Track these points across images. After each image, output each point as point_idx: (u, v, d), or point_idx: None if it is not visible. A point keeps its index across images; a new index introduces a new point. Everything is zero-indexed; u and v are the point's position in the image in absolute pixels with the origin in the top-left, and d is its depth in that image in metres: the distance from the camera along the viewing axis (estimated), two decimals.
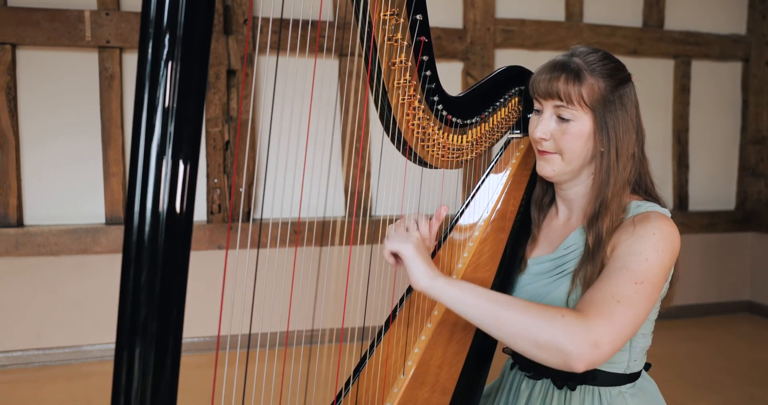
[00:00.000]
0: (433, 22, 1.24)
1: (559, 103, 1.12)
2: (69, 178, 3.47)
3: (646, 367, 1.22)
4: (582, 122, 1.11)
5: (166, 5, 0.62)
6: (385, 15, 1.07)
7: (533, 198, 1.31)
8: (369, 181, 3.81)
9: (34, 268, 3.38)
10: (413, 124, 1.18)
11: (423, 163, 1.28)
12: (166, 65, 0.62)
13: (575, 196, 1.20)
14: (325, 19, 3.39)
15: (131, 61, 3.48)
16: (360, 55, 1.10)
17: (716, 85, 4.49)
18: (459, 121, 1.26)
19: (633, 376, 1.16)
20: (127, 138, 3.51)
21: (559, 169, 1.15)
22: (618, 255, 1.04)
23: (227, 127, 3.57)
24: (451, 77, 3.91)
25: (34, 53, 3.38)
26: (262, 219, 3.38)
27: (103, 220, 3.52)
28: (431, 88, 1.18)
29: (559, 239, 1.21)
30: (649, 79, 4.28)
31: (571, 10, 4.14)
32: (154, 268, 0.64)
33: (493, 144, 1.41)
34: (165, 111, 0.63)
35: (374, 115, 3.60)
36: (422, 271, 0.99)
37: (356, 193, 3.66)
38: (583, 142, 1.12)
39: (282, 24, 0.95)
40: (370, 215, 3.77)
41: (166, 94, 0.63)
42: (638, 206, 1.11)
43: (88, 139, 3.47)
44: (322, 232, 3.51)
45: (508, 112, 1.40)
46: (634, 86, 1.16)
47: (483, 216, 1.35)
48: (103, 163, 3.48)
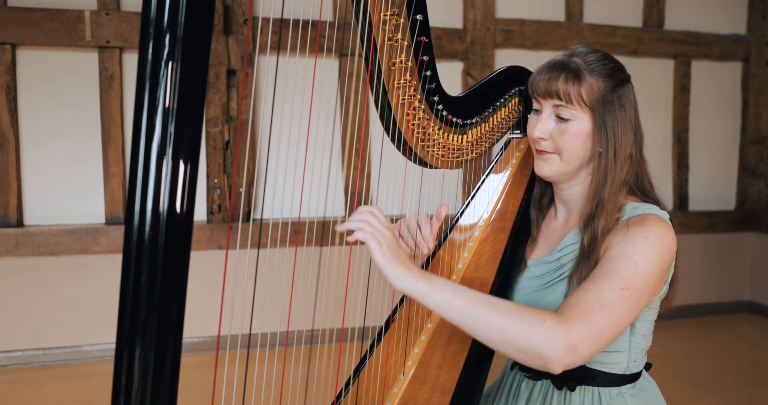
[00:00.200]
0: (433, 22, 1.24)
1: (558, 102, 1.12)
2: (69, 178, 3.47)
3: (647, 367, 1.22)
4: (581, 122, 1.11)
5: (167, 5, 0.62)
6: (385, 15, 1.07)
7: (532, 199, 1.31)
8: (369, 181, 3.81)
9: (34, 268, 3.37)
10: (413, 124, 1.18)
11: (423, 163, 1.28)
12: (166, 65, 0.63)
13: (574, 196, 1.19)
14: (325, 20, 3.38)
15: (131, 61, 3.48)
16: (360, 56, 1.10)
17: (716, 85, 4.49)
18: (459, 121, 1.26)
19: (633, 377, 1.16)
20: (127, 138, 3.51)
21: (558, 169, 1.15)
22: (608, 257, 1.03)
23: (227, 127, 3.57)
24: (451, 77, 3.91)
25: (34, 53, 3.38)
26: (262, 219, 3.38)
27: (103, 220, 3.52)
28: (431, 88, 1.17)
29: (558, 240, 1.21)
30: (649, 79, 4.27)
31: (571, 10, 4.14)
32: (154, 268, 0.64)
33: (493, 144, 1.41)
34: (165, 111, 0.63)
35: (374, 115, 3.60)
36: (399, 274, 0.92)
37: (356, 193, 3.66)
38: (582, 142, 1.12)
39: (282, 24, 0.95)
40: None
41: (166, 95, 0.63)
42: (635, 208, 1.11)
43: (88, 139, 3.47)
44: (323, 233, 3.51)
45: (509, 112, 1.40)
46: (633, 87, 1.16)
47: (483, 216, 1.35)
48: (103, 163, 3.48)
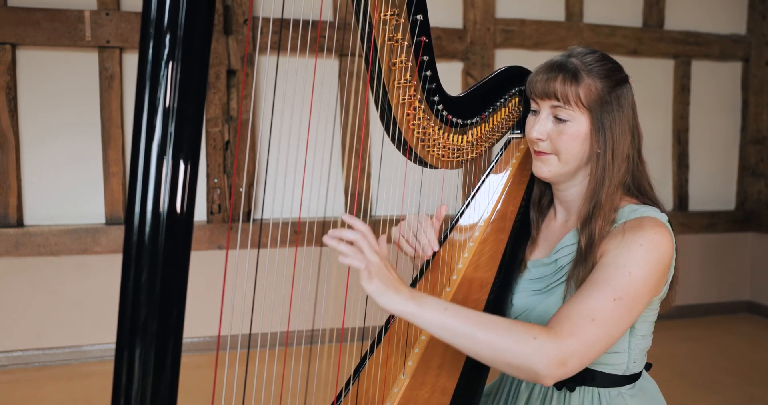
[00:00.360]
0: (433, 22, 1.24)
1: (556, 103, 1.11)
2: (69, 178, 3.47)
3: (647, 367, 1.22)
4: (579, 123, 1.11)
5: (167, 5, 0.62)
6: (385, 15, 1.07)
7: (532, 200, 1.30)
8: (369, 181, 3.81)
9: (34, 268, 3.37)
10: (413, 125, 1.18)
11: (423, 164, 1.28)
12: (166, 65, 0.63)
13: (572, 197, 1.19)
14: (325, 20, 3.38)
15: (131, 61, 3.48)
16: (360, 56, 1.10)
17: (716, 85, 4.49)
18: (459, 121, 1.26)
19: (633, 377, 1.16)
20: (127, 138, 3.51)
21: (556, 170, 1.15)
22: (603, 264, 1.03)
23: (227, 127, 3.57)
24: (451, 77, 3.91)
25: (34, 53, 3.38)
26: (263, 219, 3.38)
27: (103, 220, 3.52)
28: (431, 88, 1.17)
29: (557, 241, 1.20)
30: (649, 79, 4.27)
31: (571, 10, 4.14)
32: (154, 269, 0.64)
33: (494, 144, 1.41)
34: (165, 111, 0.63)
35: (374, 116, 3.60)
36: (387, 299, 0.93)
37: (356, 194, 3.66)
38: (580, 142, 1.12)
39: (282, 24, 0.95)
40: (371, 215, 3.76)
41: (166, 95, 0.63)
42: (633, 210, 1.10)
43: (88, 139, 3.47)
44: (323, 233, 3.50)
45: (509, 112, 1.40)
46: (632, 88, 1.15)
47: (483, 216, 1.35)
48: (103, 163, 3.48)
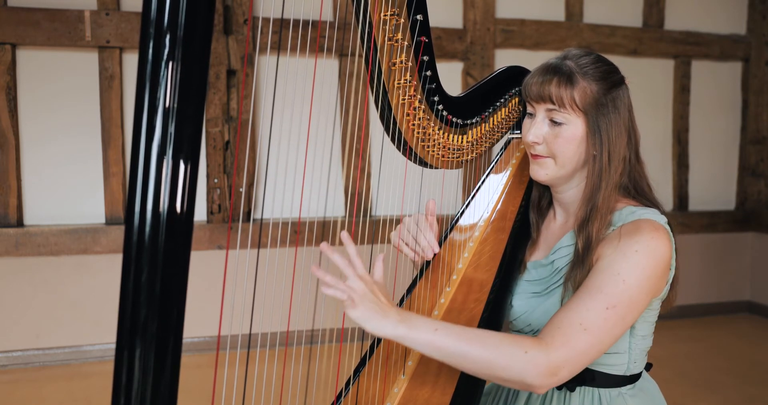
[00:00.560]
0: (433, 22, 1.24)
1: (551, 106, 1.11)
2: (69, 178, 3.47)
3: (647, 367, 1.22)
4: (574, 126, 1.11)
5: (167, 6, 0.62)
6: (385, 15, 1.07)
7: (531, 201, 1.30)
8: (369, 181, 3.81)
9: (34, 268, 3.37)
10: (413, 125, 1.18)
11: (423, 164, 1.28)
12: (166, 66, 0.63)
13: (570, 199, 1.19)
14: (325, 20, 3.38)
15: (131, 61, 3.48)
16: (360, 56, 1.10)
17: (716, 85, 4.49)
18: (459, 121, 1.26)
19: (633, 378, 1.16)
20: (127, 138, 3.51)
21: (552, 172, 1.15)
22: (597, 270, 1.03)
23: (227, 127, 3.57)
24: (451, 77, 3.91)
25: (34, 53, 3.38)
26: (263, 219, 3.38)
27: (103, 220, 3.52)
28: (431, 88, 1.17)
29: (556, 242, 1.20)
30: (649, 79, 4.27)
31: (571, 10, 4.14)
32: (154, 269, 0.64)
33: (494, 144, 1.41)
34: (165, 111, 0.63)
35: (374, 116, 3.60)
36: (375, 324, 0.93)
37: (356, 193, 3.66)
38: (576, 145, 1.12)
39: (282, 24, 0.95)
40: (371, 215, 3.76)
41: (166, 95, 0.63)
42: (632, 212, 1.09)
43: (88, 139, 3.47)
44: (323, 233, 3.51)
45: (509, 112, 1.40)
46: (628, 89, 1.15)
47: (483, 216, 1.35)
48: (103, 163, 3.48)
